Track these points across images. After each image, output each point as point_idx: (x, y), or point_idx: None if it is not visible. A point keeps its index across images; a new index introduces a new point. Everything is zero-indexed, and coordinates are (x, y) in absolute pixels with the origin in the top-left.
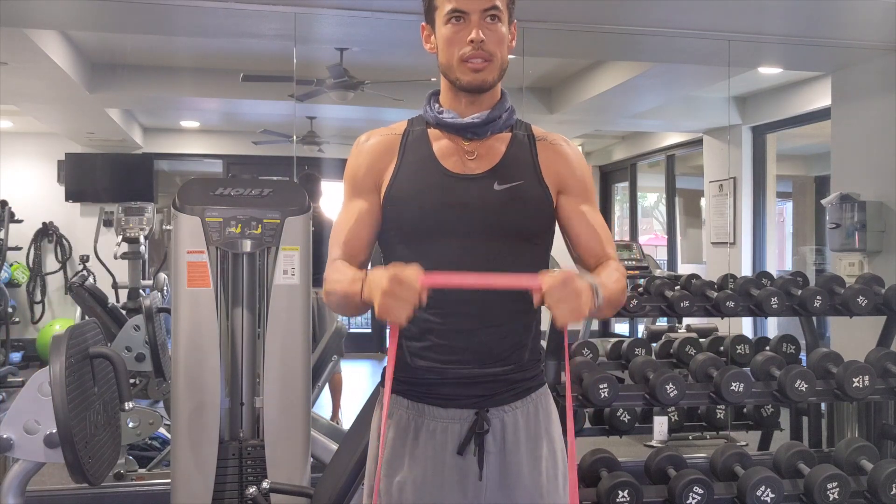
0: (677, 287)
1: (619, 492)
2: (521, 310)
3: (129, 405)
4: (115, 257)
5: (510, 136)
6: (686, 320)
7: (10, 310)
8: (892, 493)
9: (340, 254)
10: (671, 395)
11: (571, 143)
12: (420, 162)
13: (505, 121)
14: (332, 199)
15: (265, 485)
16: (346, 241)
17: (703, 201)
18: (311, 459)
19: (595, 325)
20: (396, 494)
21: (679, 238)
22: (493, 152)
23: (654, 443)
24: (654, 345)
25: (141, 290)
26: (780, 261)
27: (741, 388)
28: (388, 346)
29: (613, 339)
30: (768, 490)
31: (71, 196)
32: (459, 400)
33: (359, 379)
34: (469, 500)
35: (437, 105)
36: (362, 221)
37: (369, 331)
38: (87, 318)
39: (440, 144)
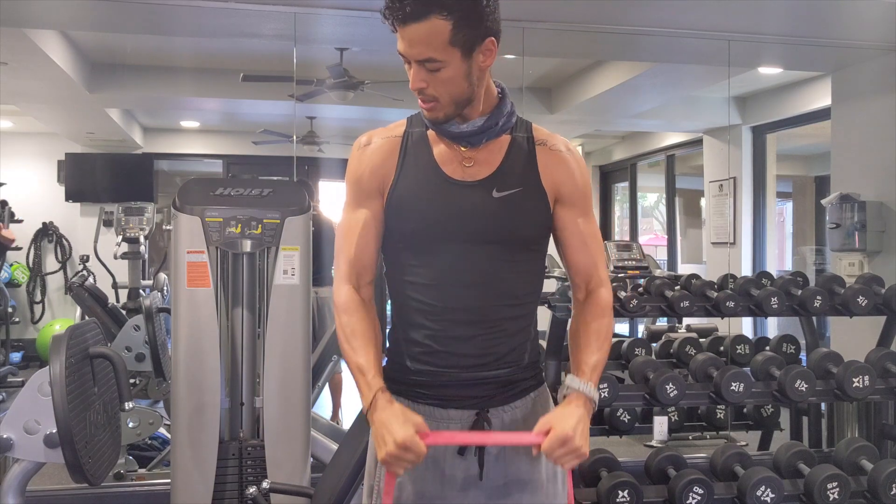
0: (677, 287)
1: (619, 492)
2: (520, 315)
3: (129, 405)
4: (115, 257)
5: (510, 140)
6: (686, 320)
7: (10, 310)
8: (893, 493)
9: (348, 273)
10: (671, 395)
11: (573, 149)
12: (421, 167)
13: (502, 126)
14: (332, 199)
15: (265, 485)
16: (355, 257)
17: (703, 201)
18: (311, 459)
19: None
20: (397, 495)
21: (679, 238)
22: (491, 158)
23: (654, 443)
24: (654, 345)
25: (141, 290)
26: (780, 261)
27: (741, 388)
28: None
29: (613, 340)
30: (768, 490)
31: (71, 196)
32: (460, 401)
33: None
34: (469, 500)
35: None
36: (368, 227)
37: None
38: (87, 318)
39: (440, 149)
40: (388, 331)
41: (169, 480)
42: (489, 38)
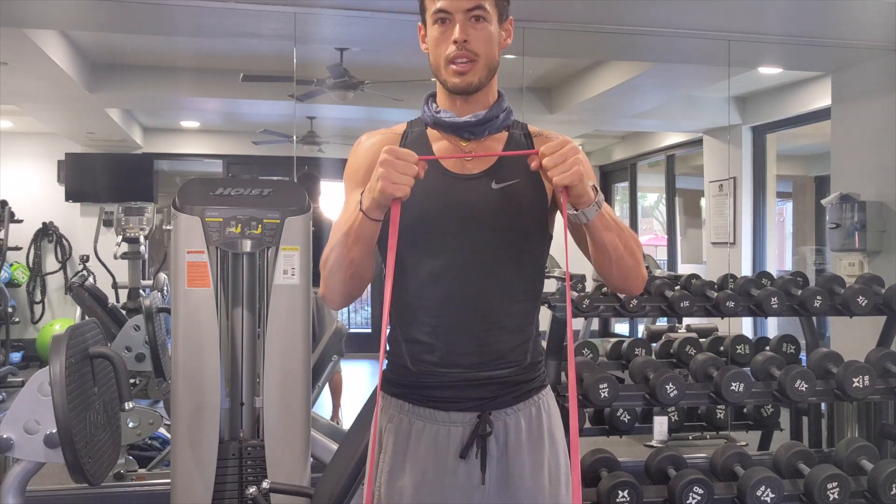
0: (677, 287)
1: (619, 492)
2: (521, 312)
3: (129, 405)
4: (115, 257)
5: (507, 136)
6: (686, 320)
7: (10, 310)
8: (893, 493)
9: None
10: (671, 395)
11: (568, 138)
12: None
13: (502, 121)
14: (332, 199)
15: (265, 485)
16: None
17: (703, 201)
18: (311, 459)
19: (595, 325)
20: (398, 498)
21: (679, 238)
22: (490, 151)
23: (654, 443)
24: (654, 345)
25: (141, 290)
26: (780, 261)
27: (741, 388)
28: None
29: (613, 339)
30: (768, 490)
31: (71, 196)
32: (461, 403)
33: (359, 379)
34: (471, 503)
35: (434, 105)
36: None
37: (369, 331)
38: (87, 318)
39: (439, 145)
40: (387, 333)
41: (169, 480)
42: (510, 18)
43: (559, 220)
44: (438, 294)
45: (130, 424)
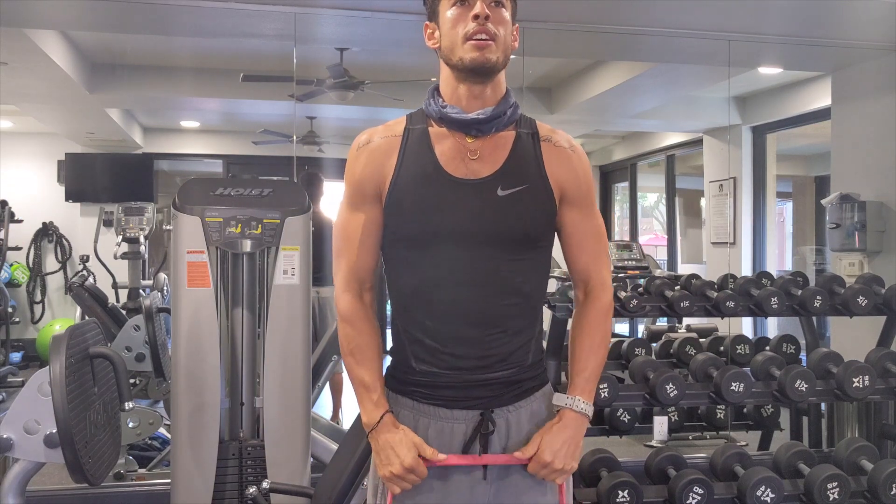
0: (677, 287)
1: (619, 492)
2: (523, 313)
3: (129, 405)
4: (115, 257)
5: (514, 136)
6: (686, 320)
7: (10, 310)
8: (893, 493)
9: (348, 279)
10: (671, 395)
11: (576, 146)
12: (421, 168)
13: (510, 117)
14: (333, 199)
15: (265, 485)
16: (356, 264)
17: (703, 201)
18: (311, 459)
19: None
20: (402, 494)
21: (679, 238)
22: (497, 153)
23: (654, 443)
24: (654, 345)
25: (141, 290)
26: (780, 261)
27: (741, 388)
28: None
29: (613, 339)
30: (768, 490)
31: (71, 196)
32: (464, 401)
33: None
34: (473, 499)
35: (440, 99)
36: (368, 232)
37: None
38: (87, 318)
39: (442, 147)
40: (389, 330)
41: (169, 480)
42: (516, 24)
43: (560, 217)
44: (441, 299)
45: (130, 424)
